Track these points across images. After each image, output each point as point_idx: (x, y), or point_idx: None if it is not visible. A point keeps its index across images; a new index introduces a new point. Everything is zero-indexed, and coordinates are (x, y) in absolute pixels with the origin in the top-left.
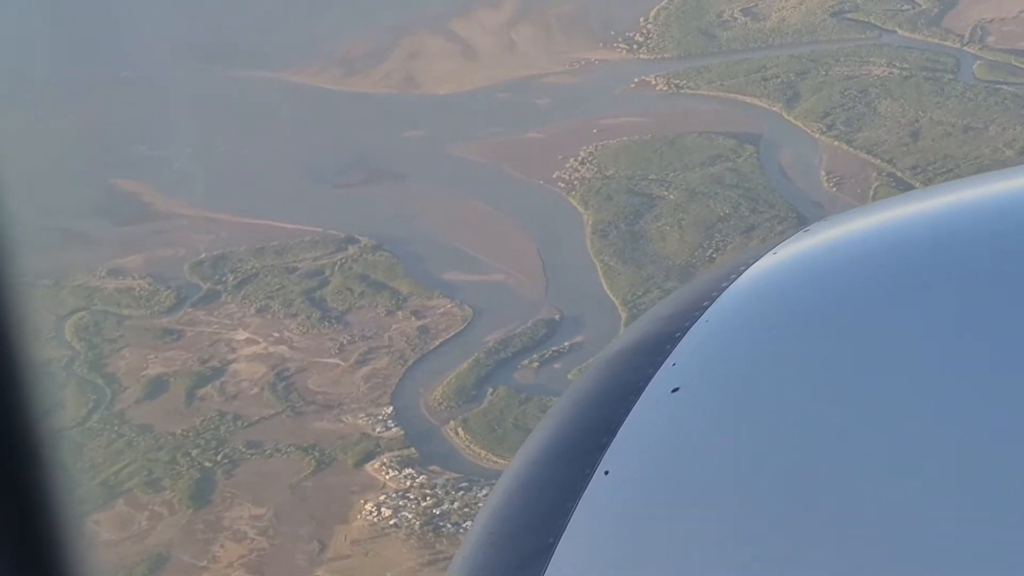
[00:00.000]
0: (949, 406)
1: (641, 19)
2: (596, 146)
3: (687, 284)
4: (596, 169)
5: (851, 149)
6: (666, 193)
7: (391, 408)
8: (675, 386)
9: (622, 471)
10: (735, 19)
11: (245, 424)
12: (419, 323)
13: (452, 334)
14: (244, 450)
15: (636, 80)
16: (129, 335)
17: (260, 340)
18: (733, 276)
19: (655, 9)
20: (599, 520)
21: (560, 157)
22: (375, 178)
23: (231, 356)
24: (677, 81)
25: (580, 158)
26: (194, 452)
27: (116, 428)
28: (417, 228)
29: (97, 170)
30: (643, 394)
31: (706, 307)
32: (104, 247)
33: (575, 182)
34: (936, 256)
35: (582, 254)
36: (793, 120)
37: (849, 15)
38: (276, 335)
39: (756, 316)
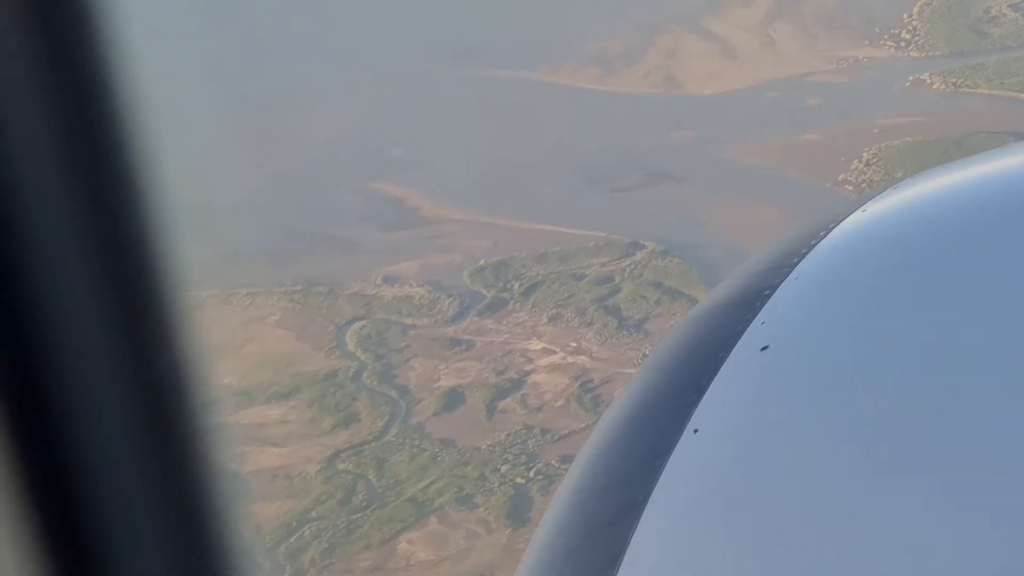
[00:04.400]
0: None
1: (905, 15)
2: (880, 147)
3: (777, 241)
4: (884, 172)
5: None
6: None
7: None
8: (765, 344)
9: (711, 429)
10: (1004, 15)
11: (555, 438)
12: None
13: None
14: (558, 465)
15: (910, 79)
16: (416, 345)
17: (557, 350)
18: (823, 233)
19: (918, 5)
20: (688, 478)
21: (843, 159)
22: (652, 181)
23: (528, 367)
24: (954, 79)
25: (864, 160)
26: (503, 468)
27: (417, 442)
28: (704, 233)
29: (356, 174)
30: (732, 352)
31: (796, 264)
32: (375, 254)
33: (863, 185)
34: None
35: None
36: None
37: None
38: (573, 344)
39: (846, 273)
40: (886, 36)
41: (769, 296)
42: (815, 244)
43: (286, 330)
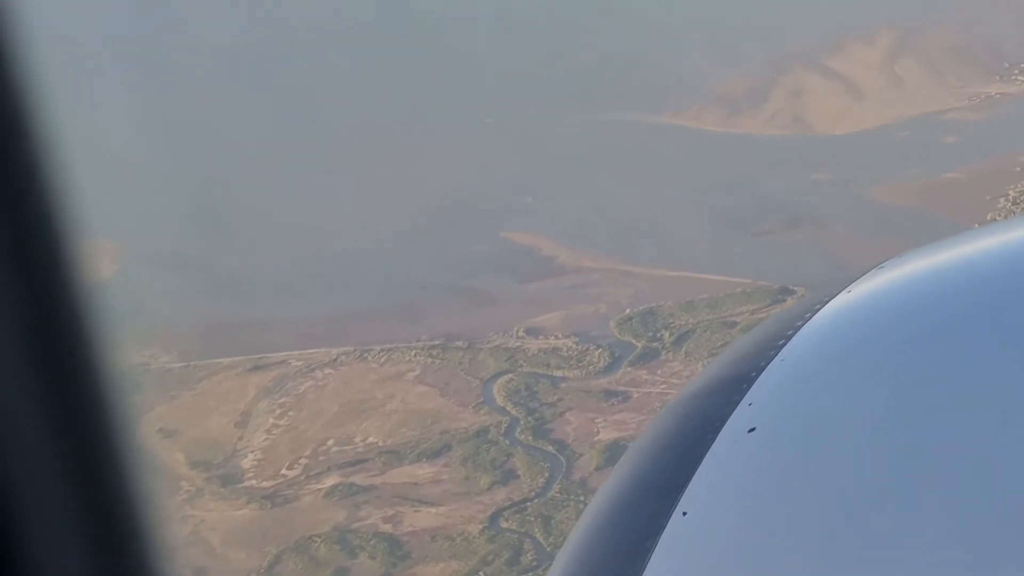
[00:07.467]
0: None
1: None
2: None
3: (762, 323)
4: None
5: None
6: None
7: None
8: (752, 426)
9: (700, 512)
10: None
11: None
12: None
13: None
14: None
15: None
16: (569, 398)
17: None
18: (808, 315)
19: None
20: (677, 561)
21: (988, 198)
22: (793, 224)
23: None
24: None
25: (1011, 198)
26: None
27: (582, 498)
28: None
29: (485, 223)
30: (720, 434)
31: (782, 346)
32: (513, 305)
33: None
34: (1017, 293)
35: None
36: None
37: None
38: None
39: (832, 355)
40: (1016, 71)
41: (756, 378)
42: (801, 325)
43: (428, 386)
